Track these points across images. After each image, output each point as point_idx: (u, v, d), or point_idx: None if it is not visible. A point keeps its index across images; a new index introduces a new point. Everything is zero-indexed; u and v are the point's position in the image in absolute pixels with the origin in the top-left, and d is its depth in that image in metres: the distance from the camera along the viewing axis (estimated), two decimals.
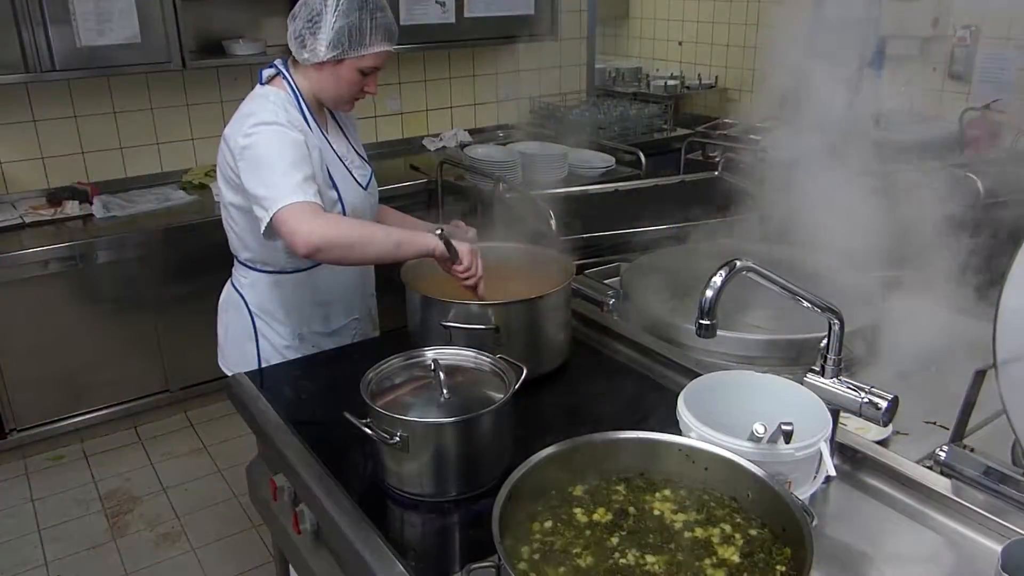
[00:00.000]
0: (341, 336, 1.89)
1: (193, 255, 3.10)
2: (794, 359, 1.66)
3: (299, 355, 1.83)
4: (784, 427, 1.03)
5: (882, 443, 1.40)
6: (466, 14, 3.76)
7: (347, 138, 1.85)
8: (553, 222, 2.32)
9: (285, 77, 1.72)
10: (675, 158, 3.67)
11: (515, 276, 1.71)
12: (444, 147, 4.00)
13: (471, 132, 4.15)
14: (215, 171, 1.80)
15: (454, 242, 1.59)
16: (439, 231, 1.59)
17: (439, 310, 1.55)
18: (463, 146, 3.84)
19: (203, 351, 3.21)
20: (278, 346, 1.85)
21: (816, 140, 2.95)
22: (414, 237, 1.60)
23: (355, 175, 1.81)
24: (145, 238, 3.07)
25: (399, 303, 1.70)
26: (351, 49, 1.65)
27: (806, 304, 1.22)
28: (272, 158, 1.58)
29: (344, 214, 1.74)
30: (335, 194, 1.73)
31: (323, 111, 1.79)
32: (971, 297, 1.67)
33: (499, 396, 1.27)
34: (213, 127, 3.54)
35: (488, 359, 1.36)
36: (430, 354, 1.36)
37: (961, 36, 3.76)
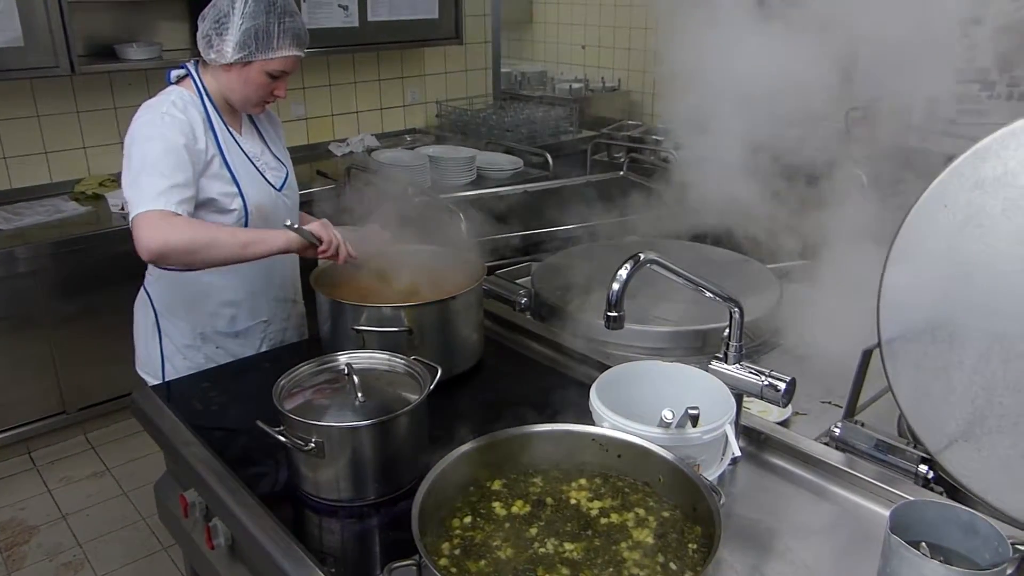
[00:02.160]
0: (248, 338, 1.85)
1: (89, 269, 2.96)
2: (700, 348, 1.73)
3: (202, 355, 1.81)
4: (691, 412, 1.08)
5: (784, 424, 1.48)
6: (369, 18, 3.73)
7: (263, 139, 1.85)
8: (463, 224, 2.33)
9: (193, 78, 1.73)
10: (581, 159, 3.74)
11: (427, 278, 1.71)
12: (351, 152, 3.95)
13: (378, 137, 4.12)
14: (110, 180, 1.75)
15: (305, 227, 1.60)
16: (287, 223, 1.59)
17: (351, 314, 1.54)
18: (370, 151, 3.81)
19: (103, 369, 3.10)
20: (179, 345, 1.82)
21: (717, 138, 3.06)
22: (263, 236, 1.61)
23: (268, 176, 1.80)
24: (35, 252, 2.91)
25: None
26: (259, 52, 1.65)
27: (709, 295, 1.27)
28: (145, 160, 1.58)
29: (247, 214, 1.73)
30: (236, 192, 1.72)
31: (236, 112, 1.79)
32: (864, 282, 1.78)
33: (414, 397, 1.27)
34: (107, 135, 3.38)
35: (402, 361, 1.36)
36: (343, 359, 1.35)
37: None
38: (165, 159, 1.58)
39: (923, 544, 0.98)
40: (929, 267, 1.22)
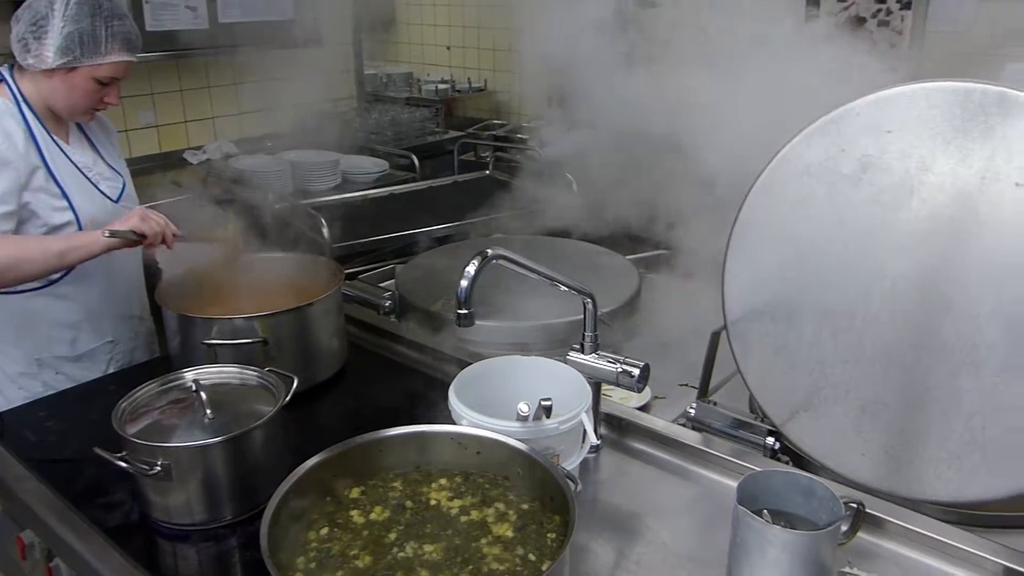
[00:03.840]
0: (92, 361, 1.73)
1: None
2: (564, 341, 1.75)
3: (39, 383, 1.68)
4: (544, 403, 1.09)
5: (644, 408, 1.52)
6: (220, 20, 3.58)
7: (95, 148, 1.73)
8: (326, 230, 2.27)
9: (8, 84, 1.59)
10: (449, 160, 3.73)
11: (284, 286, 1.66)
12: (208, 160, 3.78)
13: (237, 143, 3.95)
14: None
15: (121, 225, 1.54)
16: (105, 231, 1.53)
17: (201, 328, 1.47)
18: (229, 158, 3.66)
19: None
20: (12, 373, 1.68)
21: (581, 135, 3.13)
22: (77, 241, 1.54)
23: (102, 187, 1.70)
24: None
25: None
26: (84, 57, 1.55)
27: (563, 288, 1.29)
28: None
29: (79, 226, 1.62)
30: (66, 206, 1.61)
31: (62, 120, 1.67)
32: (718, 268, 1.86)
33: (268, 410, 1.22)
34: None
35: (255, 373, 1.31)
36: (190, 375, 1.29)
37: None
38: None
39: (764, 512, 1.03)
40: (765, 251, 1.28)
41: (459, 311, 1.10)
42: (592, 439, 1.15)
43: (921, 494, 1.20)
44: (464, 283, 1.09)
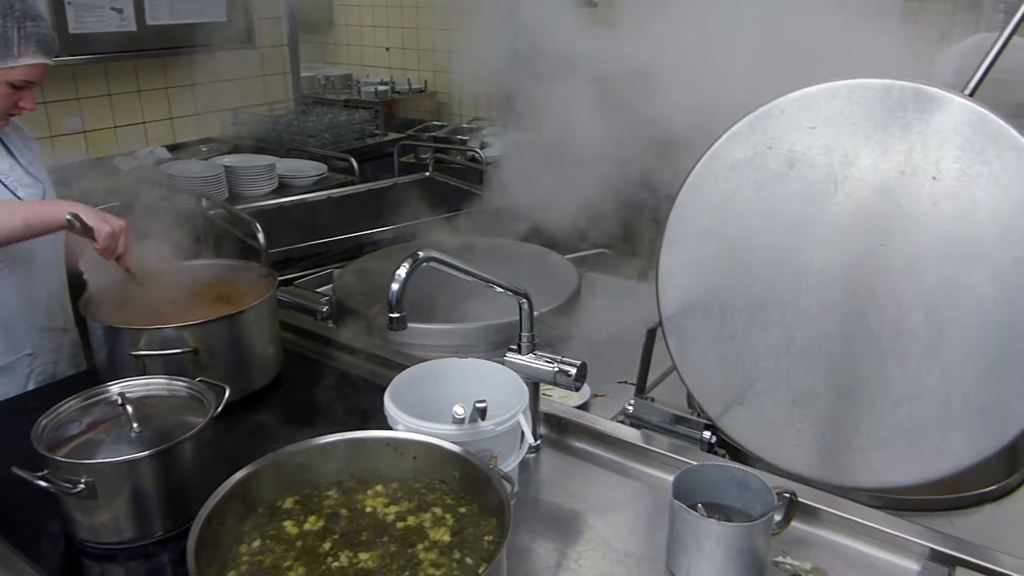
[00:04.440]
0: (10, 375, 1.66)
1: None
2: (504, 342, 1.74)
3: None
4: (478, 405, 1.08)
5: (583, 407, 1.53)
6: (148, 21, 3.48)
7: (12, 155, 1.66)
8: (261, 235, 2.23)
9: None
10: (390, 162, 3.70)
11: (215, 294, 1.62)
12: (140, 166, 3.67)
13: (170, 148, 3.84)
14: None
15: (88, 220, 1.49)
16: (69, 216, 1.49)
17: (128, 339, 1.42)
18: (161, 163, 3.56)
19: None
20: None
21: (521, 135, 3.14)
22: (43, 210, 1.51)
23: (20, 194, 1.63)
24: None
25: None
26: None
27: (499, 289, 1.28)
28: None
29: None
30: None
31: None
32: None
33: (199, 421, 1.19)
34: None
35: (184, 384, 1.27)
36: (115, 388, 1.24)
37: None
38: None
39: (699, 505, 1.04)
40: (697, 247, 1.30)
41: (391, 315, 1.08)
42: (529, 439, 1.14)
43: (852, 482, 1.23)
44: (395, 286, 1.07)
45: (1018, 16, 1.16)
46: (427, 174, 3.16)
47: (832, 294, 1.19)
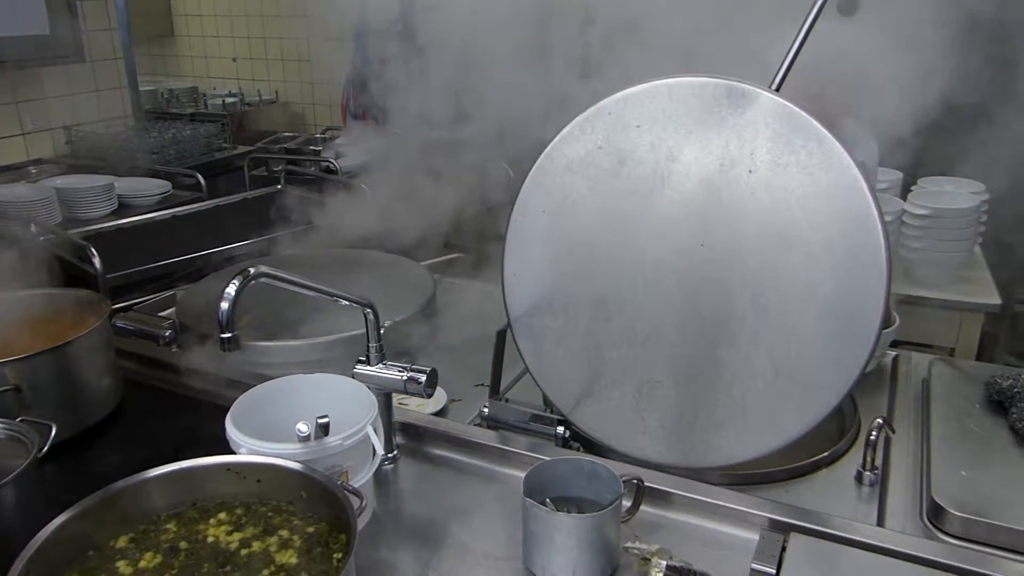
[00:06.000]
0: None
1: None
2: (361, 354, 1.72)
3: None
4: (320, 421, 1.06)
5: (440, 413, 1.52)
6: None
7: None
8: (97, 260, 2.08)
9: None
10: (241, 176, 3.57)
11: (42, 326, 1.50)
12: None
13: None
14: None
15: None
16: None
17: None
18: None
19: None
20: None
21: (376, 143, 3.09)
22: None
23: None
24: None
25: None
26: None
27: (344, 302, 1.26)
28: None
29: None
30: None
31: None
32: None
33: (20, 463, 1.10)
34: None
35: (3, 425, 1.17)
36: None
37: None
38: None
39: (547, 500, 1.06)
40: (538, 248, 1.32)
41: (221, 335, 1.04)
42: (378, 449, 1.13)
43: (698, 462, 1.29)
44: (224, 305, 1.03)
45: (814, 12, 1.25)
46: (279, 187, 3.06)
47: (666, 285, 1.24)
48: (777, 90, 1.26)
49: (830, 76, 1.36)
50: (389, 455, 1.33)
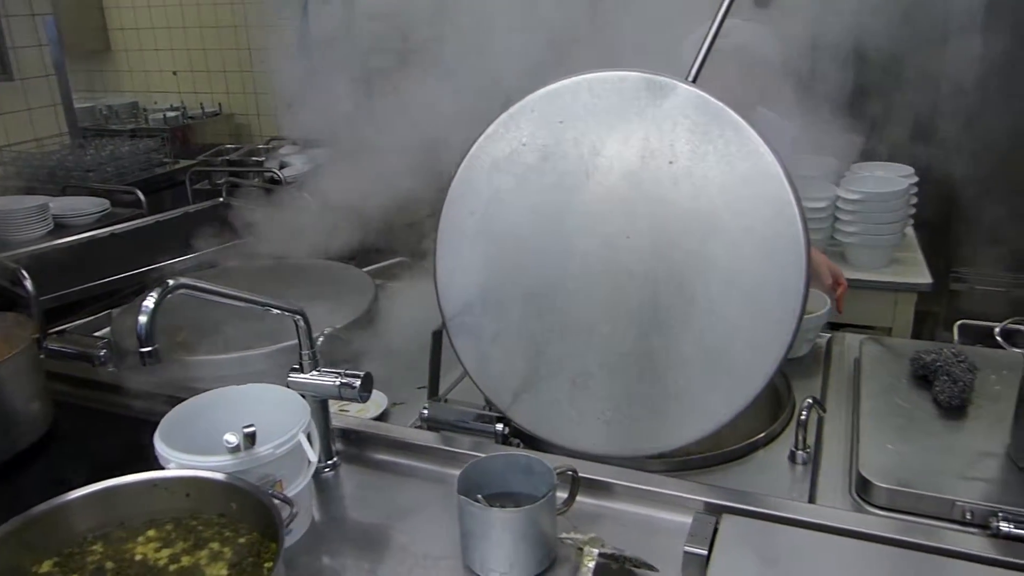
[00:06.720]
0: None
1: None
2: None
3: None
4: (246, 431, 1.05)
5: (382, 417, 1.52)
6: None
7: None
8: (28, 283, 2.04)
9: None
10: (183, 191, 3.52)
11: None
12: None
13: None
14: None
15: None
16: None
17: None
18: None
19: None
20: None
21: (318, 152, 3.07)
22: None
23: None
24: None
25: None
26: None
27: (275, 311, 1.25)
28: None
29: None
30: None
31: None
32: None
33: None
34: None
35: None
36: None
37: None
38: None
39: (479, 496, 1.07)
40: (468, 247, 1.33)
41: (141, 350, 1.02)
42: (310, 457, 1.12)
43: (635, 451, 1.30)
44: (142, 319, 1.01)
45: (724, 6, 1.28)
46: (221, 200, 3.02)
47: (594, 277, 1.25)
48: (694, 81, 1.29)
49: (745, 65, 1.39)
50: (328, 462, 1.33)
